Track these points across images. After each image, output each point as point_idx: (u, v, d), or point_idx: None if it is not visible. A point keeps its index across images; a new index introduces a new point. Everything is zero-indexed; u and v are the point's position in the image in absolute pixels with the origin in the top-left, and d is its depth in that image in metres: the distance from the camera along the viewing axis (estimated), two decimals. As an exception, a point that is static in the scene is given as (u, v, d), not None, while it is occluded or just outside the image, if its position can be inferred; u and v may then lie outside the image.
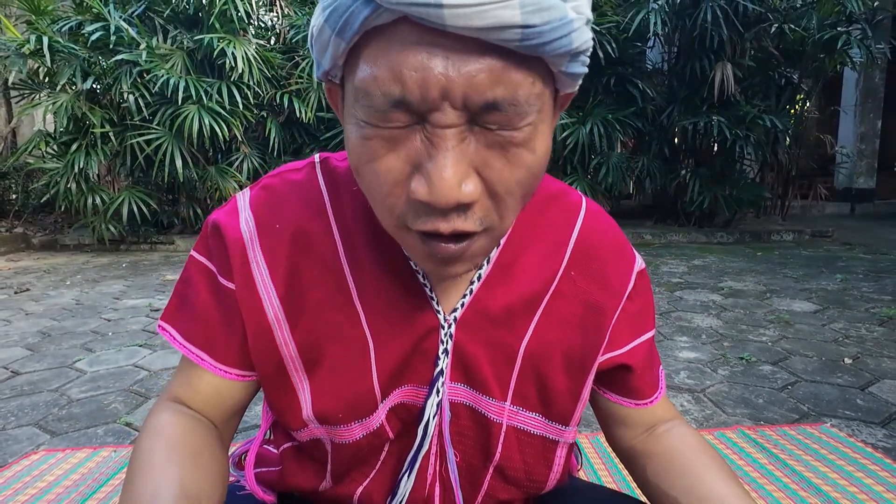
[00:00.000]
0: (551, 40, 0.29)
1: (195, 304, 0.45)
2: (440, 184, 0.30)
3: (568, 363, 0.47)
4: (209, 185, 4.47)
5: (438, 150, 0.31)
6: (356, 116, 0.32)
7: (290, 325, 0.43)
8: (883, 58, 6.04)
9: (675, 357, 1.90)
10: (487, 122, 0.31)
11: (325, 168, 0.46)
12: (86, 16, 4.24)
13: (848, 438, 1.29)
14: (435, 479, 0.47)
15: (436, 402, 0.44)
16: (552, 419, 0.48)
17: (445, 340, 0.44)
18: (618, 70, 4.97)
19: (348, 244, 0.44)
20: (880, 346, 1.99)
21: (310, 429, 0.46)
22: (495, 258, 0.45)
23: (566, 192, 0.50)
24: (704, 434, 1.32)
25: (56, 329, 2.33)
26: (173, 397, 0.46)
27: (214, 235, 0.45)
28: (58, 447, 1.30)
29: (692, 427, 0.51)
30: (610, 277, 0.48)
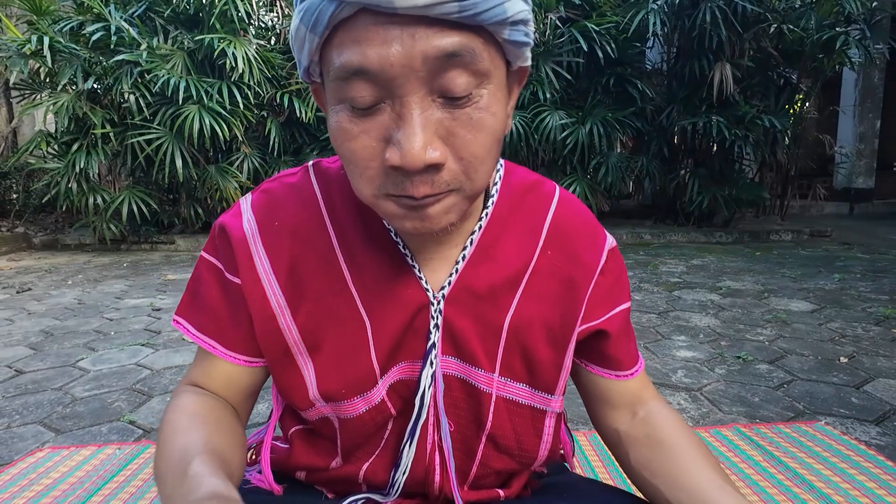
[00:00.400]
0: (486, 9, 0.34)
1: (206, 299, 0.50)
2: (409, 148, 0.35)
3: (549, 335, 0.51)
4: (209, 184, 4.49)
5: (405, 120, 0.35)
6: (332, 101, 0.38)
7: (291, 312, 0.48)
8: (881, 58, 6.06)
9: (673, 356, 1.92)
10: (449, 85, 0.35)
11: (317, 171, 0.51)
12: (87, 16, 4.26)
13: (842, 436, 1.31)
14: (434, 449, 0.50)
15: (430, 374, 0.48)
16: (538, 388, 0.51)
17: (435, 316, 0.48)
18: (617, 70, 4.99)
19: (341, 236, 0.48)
20: (876, 345, 2.01)
21: (317, 408, 0.50)
22: (478, 240, 0.49)
23: (541, 182, 0.55)
24: (700, 432, 1.34)
25: (58, 328, 2.35)
26: (191, 382, 0.51)
27: (221, 236, 0.50)
28: (62, 445, 1.32)
29: (671, 408, 0.55)
30: (583, 255, 0.52)
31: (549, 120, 4.71)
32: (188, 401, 0.47)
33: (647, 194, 6.09)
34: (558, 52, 4.80)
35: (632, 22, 4.62)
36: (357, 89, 0.35)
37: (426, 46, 0.33)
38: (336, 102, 0.37)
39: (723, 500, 0.43)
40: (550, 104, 4.80)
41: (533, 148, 4.89)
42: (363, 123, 0.37)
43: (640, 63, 5.57)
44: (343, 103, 0.37)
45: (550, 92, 4.76)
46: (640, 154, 5.33)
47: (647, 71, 5.58)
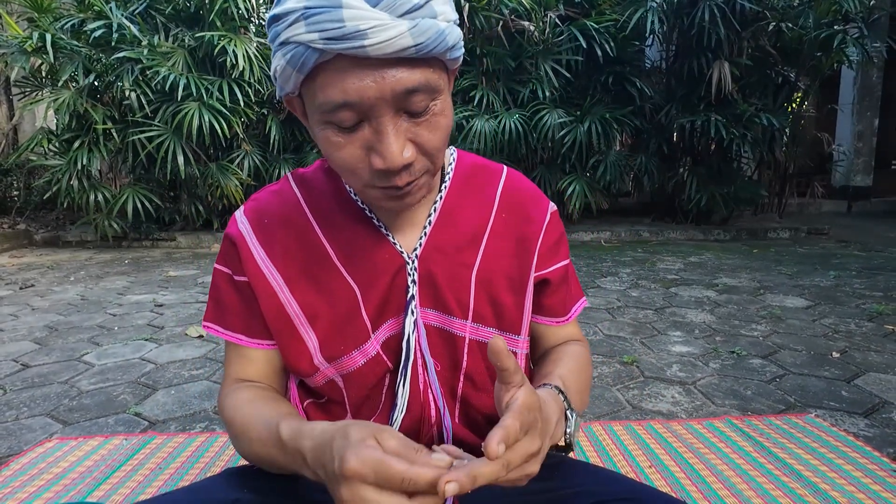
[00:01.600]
0: (435, 46, 0.44)
1: (225, 303, 0.60)
2: (389, 156, 0.46)
3: (510, 282, 0.61)
4: (210, 182, 4.51)
5: (383, 135, 0.46)
6: (320, 121, 0.47)
7: (289, 288, 0.57)
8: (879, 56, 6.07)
9: (668, 351, 1.95)
10: (412, 106, 0.45)
11: (295, 177, 0.63)
12: (88, 13, 4.27)
13: (831, 428, 1.34)
14: (427, 388, 0.59)
15: (412, 321, 0.57)
16: (505, 330, 0.62)
17: (412, 273, 0.58)
18: (616, 69, 5.01)
19: (322, 222, 0.59)
20: (868, 340, 2.04)
21: (321, 371, 0.59)
22: (440, 207, 0.60)
23: (488, 163, 0.67)
24: (693, 424, 1.37)
25: (62, 324, 2.37)
26: (232, 380, 0.60)
27: (226, 242, 0.60)
28: (70, 436, 1.35)
29: (583, 347, 0.66)
30: (531, 214, 0.63)
31: (548, 118, 4.73)
32: (241, 395, 0.56)
33: (646, 192, 6.12)
34: (557, 50, 4.82)
35: (630, 20, 4.63)
36: (341, 117, 0.45)
37: (394, 84, 0.44)
38: (322, 123, 0.47)
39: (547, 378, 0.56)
40: (549, 103, 4.82)
41: (532, 146, 4.91)
42: (348, 137, 0.47)
43: (639, 61, 5.58)
44: (329, 124, 0.47)
45: (549, 90, 4.78)
46: (638, 152, 5.35)
47: (646, 69, 5.60)
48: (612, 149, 5.12)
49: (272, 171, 4.76)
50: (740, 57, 4.79)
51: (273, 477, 0.56)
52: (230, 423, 0.55)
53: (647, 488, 0.55)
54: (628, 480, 0.56)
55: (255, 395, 0.57)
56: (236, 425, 0.54)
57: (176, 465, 1.20)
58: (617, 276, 3.30)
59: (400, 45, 0.42)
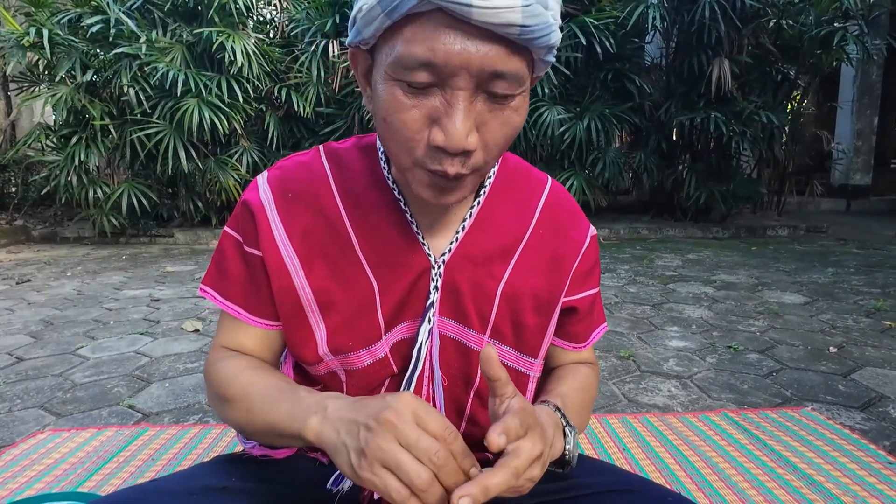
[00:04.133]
0: (539, 36, 0.41)
1: (229, 270, 0.56)
2: (454, 133, 0.41)
3: (536, 302, 0.57)
4: (209, 178, 4.50)
5: (454, 108, 0.41)
6: (389, 74, 0.42)
7: (304, 271, 0.53)
8: (879, 54, 6.06)
9: (665, 346, 1.95)
10: (492, 90, 0.42)
11: (327, 151, 0.58)
12: (85, 8, 4.26)
13: (827, 421, 1.33)
14: (428, 400, 0.55)
15: (427, 329, 0.53)
16: (523, 352, 0.58)
17: (436, 279, 0.54)
18: (615, 66, 4.99)
19: (350, 206, 0.54)
20: (865, 335, 2.04)
21: (325, 362, 0.55)
22: (476, 212, 0.56)
23: (532, 169, 0.62)
24: (689, 417, 1.36)
25: (58, 318, 2.37)
26: (222, 347, 0.57)
27: (242, 208, 0.56)
28: (63, 427, 1.35)
29: (590, 367, 0.64)
30: (570, 236, 0.59)
31: (548, 115, 4.72)
32: (240, 361, 0.54)
33: (645, 190, 6.11)
34: (557, 46, 4.80)
35: (631, 16, 4.62)
36: (418, 76, 0.41)
37: (485, 60, 0.40)
38: (391, 79, 0.43)
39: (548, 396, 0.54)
40: (549, 99, 4.81)
41: (531, 143, 4.90)
42: (415, 100, 0.42)
43: (639, 58, 5.57)
44: (400, 81, 0.42)
45: (549, 87, 4.77)
46: (637, 149, 5.34)
47: (646, 66, 5.58)
48: (611, 146, 5.11)
49: (270, 168, 4.74)
50: (740, 54, 4.78)
51: (262, 464, 0.56)
52: (225, 385, 0.52)
53: (641, 479, 0.54)
54: (622, 472, 0.55)
55: (258, 363, 0.54)
56: (235, 386, 0.51)
57: (168, 455, 1.19)
58: (615, 273, 3.29)
59: (508, 19, 0.38)
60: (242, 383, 0.51)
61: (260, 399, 0.49)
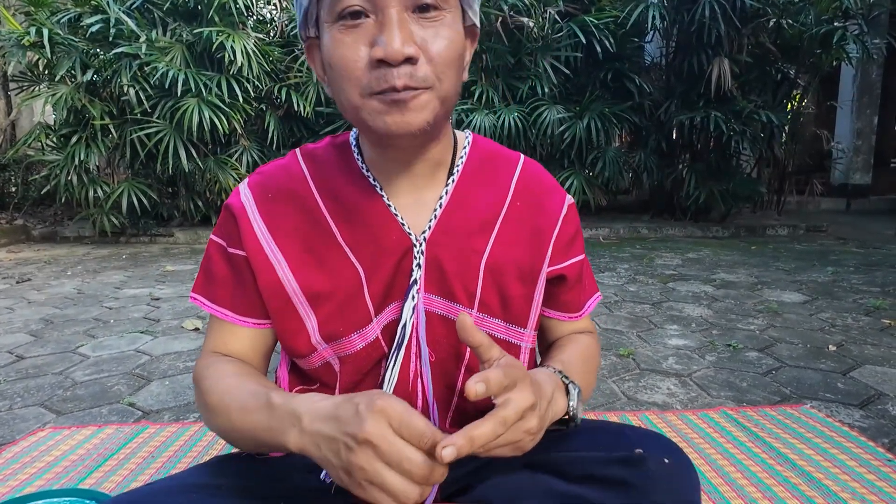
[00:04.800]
0: None
1: (215, 275, 0.57)
2: (391, 43, 0.44)
3: (520, 273, 0.58)
4: (209, 177, 4.50)
5: (387, 26, 0.45)
6: (327, 21, 0.47)
7: (290, 266, 0.55)
8: (879, 54, 6.06)
9: (665, 344, 1.95)
10: (420, 3, 0.45)
11: (303, 151, 0.61)
12: (85, 8, 4.26)
13: (826, 419, 1.34)
14: (416, 377, 0.56)
15: (411, 307, 0.55)
16: (511, 322, 0.59)
17: (418, 256, 0.55)
18: (615, 65, 4.99)
19: (328, 200, 0.56)
20: (865, 334, 2.04)
21: (318, 352, 0.56)
22: (452, 189, 0.57)
23: (503, 148, 0.64)
24: (688, 415, 1.37)
25: (58, 316, 2.37)
26: (211, 352, 0.58)
27: (225, 212, 0.59)
28: (63, 425, 1.35)
29: (593, 339, 0.65)
30: (547, 206, 0.61)
31: (547, 114, 4.72)
32: (223, 367, 0.54)
33: (645, 189, 6.10)
34: (557, 46, 4.80)
35: (631, 16, 4.62)
36: (348, 1, 0.45)
37: None
38: (330, 24, 0.47)
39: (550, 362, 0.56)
40: (548, 99, 4.81)
41: (531, 142, 4.89)
42: (353, 33, 0.46)
43: (639, 58, 5.57)
44: (336, 21, 0.46)
45: (548, 87, 4.77)
46: (637, 149, 5.34)
47: (646, 66, 5.58)
48: (610, 145, 5.11)
49: (270, 167, 4.75)
50: (740, 53, 4.78)
51: (259, 461, 0.56)
52: (207, 392, 0.52)
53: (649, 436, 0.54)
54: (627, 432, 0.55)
55: (240, 369, 0.55)
56: (214, 394, 0.52)
57: (168, 453, 1.19)
58: (615, 272, 3.30)
59: None
60: (221, 391, 0.51)
61: (237, 410, 0.49)
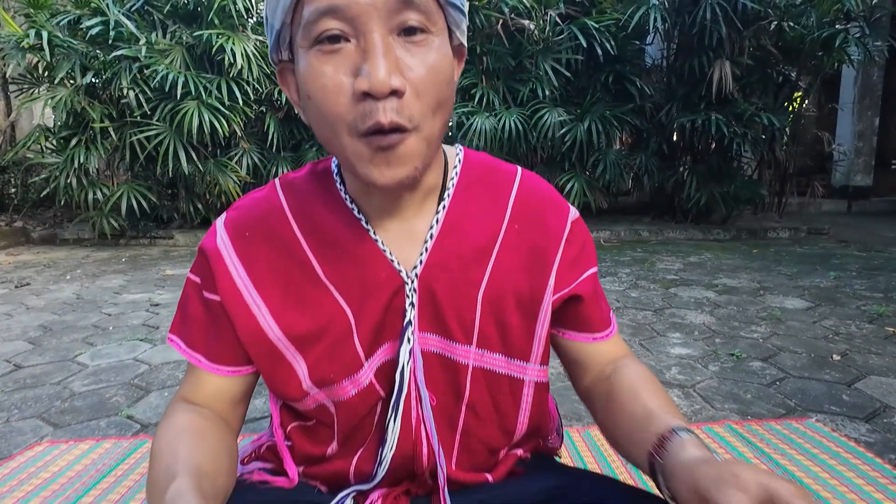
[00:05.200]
0: None
1: (191, 316, 0.54)
2: (376, 75, 0.40)
3: (519, 303, 0.53)
4: (209, 179, 4.49)
5: (370, 52, 0.40)
6: (302, 46, 0.42)
7: (271, 311, 0.51)
8: (881, 56, 6.04)
9: (668, 353, 1.93)
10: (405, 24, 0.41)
11: (282, 182, 0.56)
12: (84, 10, 4.24)
13: (832, 433, 1.32)
14: (419, 423, 0.53)
15: (407, 350, 0.51)
16: (513, 356, 0.54)
17: (410, 294, 0.51)
18: (616, 67, 4.98)
19: (309, 235, 0.52)
20: (869, 343, 2.03)
21: (312, 396, 0.53)
22: (443, 217, 0.53)
23: (499, 163, 0.58)
24: (692, 428, 1.35)
25: (57, 323, 2.36)
26: (181, 398, 0.54)
27: (200, 255, 0.54)
28: (61, 439, 1.33)
29: (638, 362, 0.57)
30: (548, 224, 0.55)
31: (548, 117, 4.71)
32: (176, 418, 0.50)
33: (646, 191, 6.09)
34: (557, 49, 4.79)
35: (632, 18, 4.61)
36: (326, 24, 0.40)
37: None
38: (306, 50, 0.42)
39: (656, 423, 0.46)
40: (549, 101, 4.80)
41: (531, 145, 4.88)
42: (332, 60, 0.41)
43: (640, 60, 5.55)
44: (313, 46, 0.42)
45: (549, 89, 4.76)
46: (638, 151, 5.33)
47: (647, 68, 5.57)
48: (611, 148, 5.09)
49: (270, 169, 4.73)
50: (741, 56, 4.77)
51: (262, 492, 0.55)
52: (154, 443, 0.48)
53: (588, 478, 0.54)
54: None
55: (190, 426, 0.49)
56: (152, 452, 0.47)
57: (167, 469, 1.18)
58: (616, 277, 3.28)
59: None
60: (155, 451, 0.47)
61: (149, 476, 0.45)
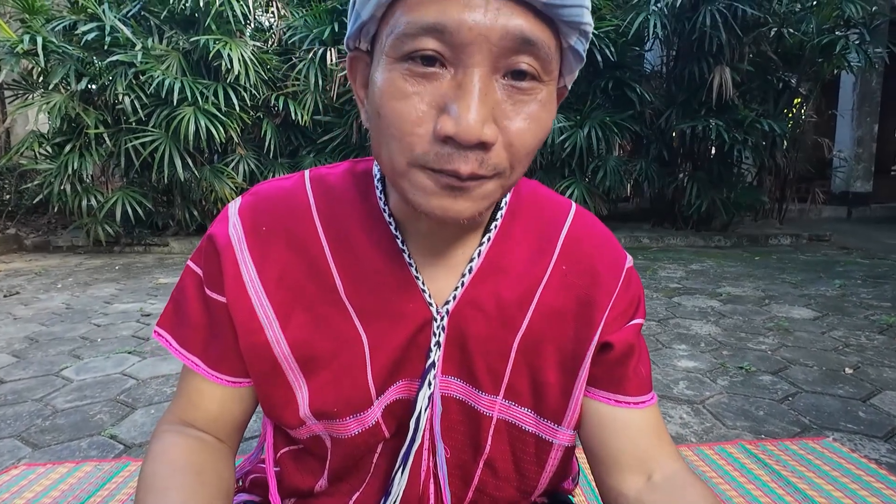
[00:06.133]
0: (569, 6, 0.34)
1: (187, 312, 0.46)
2: (466, 120, 0.33)
3: (560, 357, 0.46)
4: (204, 186, 4.43)
5: (466, 90, 0.33)
6: (389, 56, 0.35)
7: (280, 323, 0.44)
8: (880, 62, 6.04)
9: (675, 366, 1.87)
10: (515, 68, 0.34)
11: (313, 177, 0.48)
12: (80, 16, 4.20)
13: (850, 454, 1.26)
14: (428, 476, 0.47)
15: (427, 395, 0.45)
16: (544, 416, 0.47)
17: (438, 333, 0.45)
18: (616, 74, 4.95)
19: (335, 244, 0.45)
20: (881, 355, 1.97)
21: (308, 426, 0.47)
22: (486, 251, 0.46)
23: (555, 196, 0.52)
24: (704, 449, 1.29)
25: (44, 334, 2.29)
26: (175, 419, 0.47)
27: (208, 244, 0.46)
28: (39, 461, 1.27)
29: (697, 477, 0.44)
30: (601, 273, 0.48)
31: (548, 123, 4.67)
32: (169, 446, 0.44)
33: (646, 198, 6.06)
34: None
35: (632, 25, 4.58)
36: (424, 42, 0.33)
37: (508, 23, 0.33)
38: (392, 61, 0.35)
39: None
40: (549, 107, 4.76)
41: (531, 151, 4.85)
42: (418, 85, 0.34)
43: (639, 66, 5.53)
44: (400, 63, 0.34)
45: (549, 95, 4.72)
46: (638, 157, 5.29)
47: (646, 74, 5.54)
48: (611, 154, 5.05)
49: (267, 175, 4.68)
50: (741, 62, 4.74)
51: None
52: (140, 477, 0.42)
53: None
54: None
55: (186, 463, 0.43)
56: (140, 487, 0.41)
57: (150, 495, 1.11)
58: (618, 285, 3.23)
59: None
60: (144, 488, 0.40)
61: None
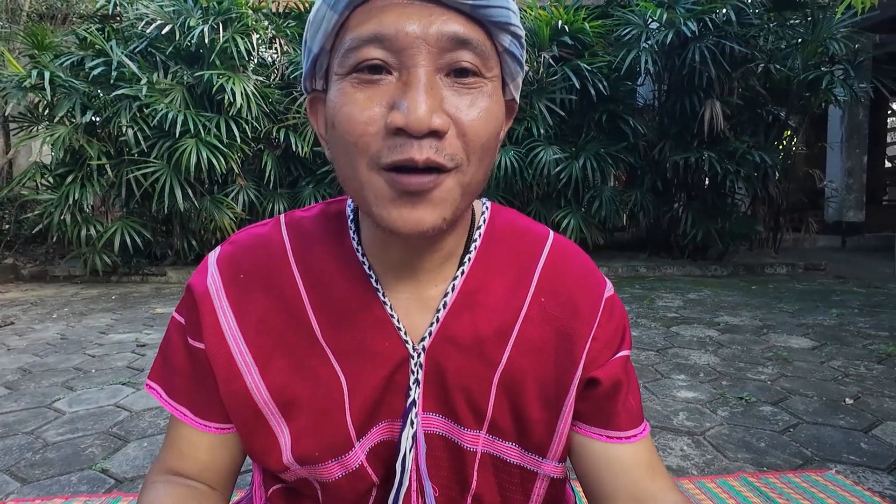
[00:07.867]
0: (493, 6, 0.37)
1: (174, 361, 0.47)
2: (415, 110, 0.34)
3: (542, 393, 0.46)
4: (204, 216, 4.46)
5: (411, 86, 0.35)
6: (337, 74, 0.38)
7: (259, 369, 0.44)
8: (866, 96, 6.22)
9: (674, 397, 1.86)
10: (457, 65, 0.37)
11: (288, 220, 0.49)
12: (88, 51, 4.33)
13: (854, 486, 1.24)
14: None
15: (410, 435, 0.44)
16: (529, 449, 0.47)
17: (416, 370, 0.44)
18: (609, 107, 5.08)
19: (311, 288, 0.46)
20: (881, 385, 1.96)
21: (293, 471, 0.46)
22: (460, 285, 0.46)
23: (533, 225, 0.51)
24: (706, 482, 1.27)
25: (38, 366, 2.26)
26: (165, 469, 0.47)
27: (187, 294, 0.48)
28: (28, 496, 1.24)
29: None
30: (579, 304, 0.47)
31: (543, 155, 4.76)
32: (161, 499, 0.44)
33: (642, 227, 6.12)
34: (551, 89, 4.90)
35: (624, 61, 4.74)
36: (368, 52, 0.36)
37: (441, 27, 0.36)
38: (341, 77, 0.37)
39: None
40: (544, 139, 4.87)
41: (527, 182, 4.92)
42: (367, 90, 0.36)
43: (632, 100, 5.68)
44: (349, 75, 0.37)
45: (544, 128, 4.83)
46: (633, 188, 5.37)
47: (639, 107, 5.69)
48: (606, 185, 5.14)
49: (267, 206, 4.73)
50: (731, 96, 4.89)
51: None
52: None
53: None
54: None
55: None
56: None
57: (140, 532, 1.08)
58: (616, 314, 3.22)
59: None
60: None
61: None
